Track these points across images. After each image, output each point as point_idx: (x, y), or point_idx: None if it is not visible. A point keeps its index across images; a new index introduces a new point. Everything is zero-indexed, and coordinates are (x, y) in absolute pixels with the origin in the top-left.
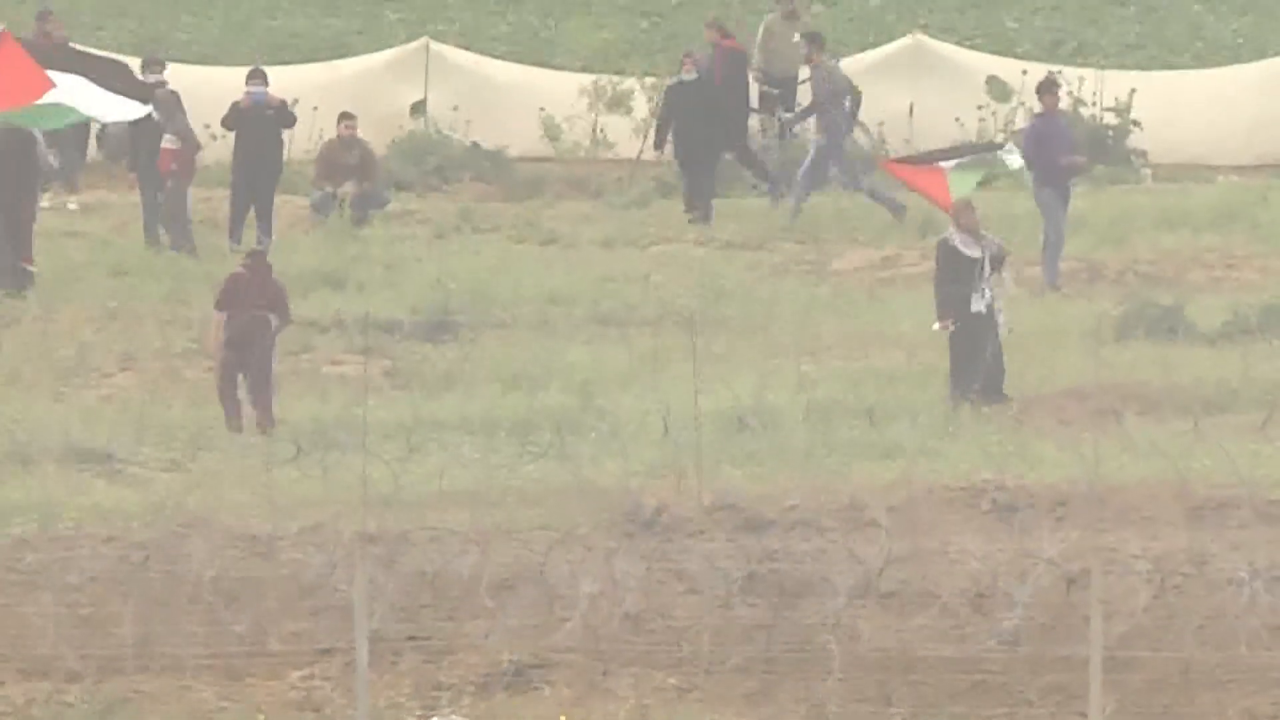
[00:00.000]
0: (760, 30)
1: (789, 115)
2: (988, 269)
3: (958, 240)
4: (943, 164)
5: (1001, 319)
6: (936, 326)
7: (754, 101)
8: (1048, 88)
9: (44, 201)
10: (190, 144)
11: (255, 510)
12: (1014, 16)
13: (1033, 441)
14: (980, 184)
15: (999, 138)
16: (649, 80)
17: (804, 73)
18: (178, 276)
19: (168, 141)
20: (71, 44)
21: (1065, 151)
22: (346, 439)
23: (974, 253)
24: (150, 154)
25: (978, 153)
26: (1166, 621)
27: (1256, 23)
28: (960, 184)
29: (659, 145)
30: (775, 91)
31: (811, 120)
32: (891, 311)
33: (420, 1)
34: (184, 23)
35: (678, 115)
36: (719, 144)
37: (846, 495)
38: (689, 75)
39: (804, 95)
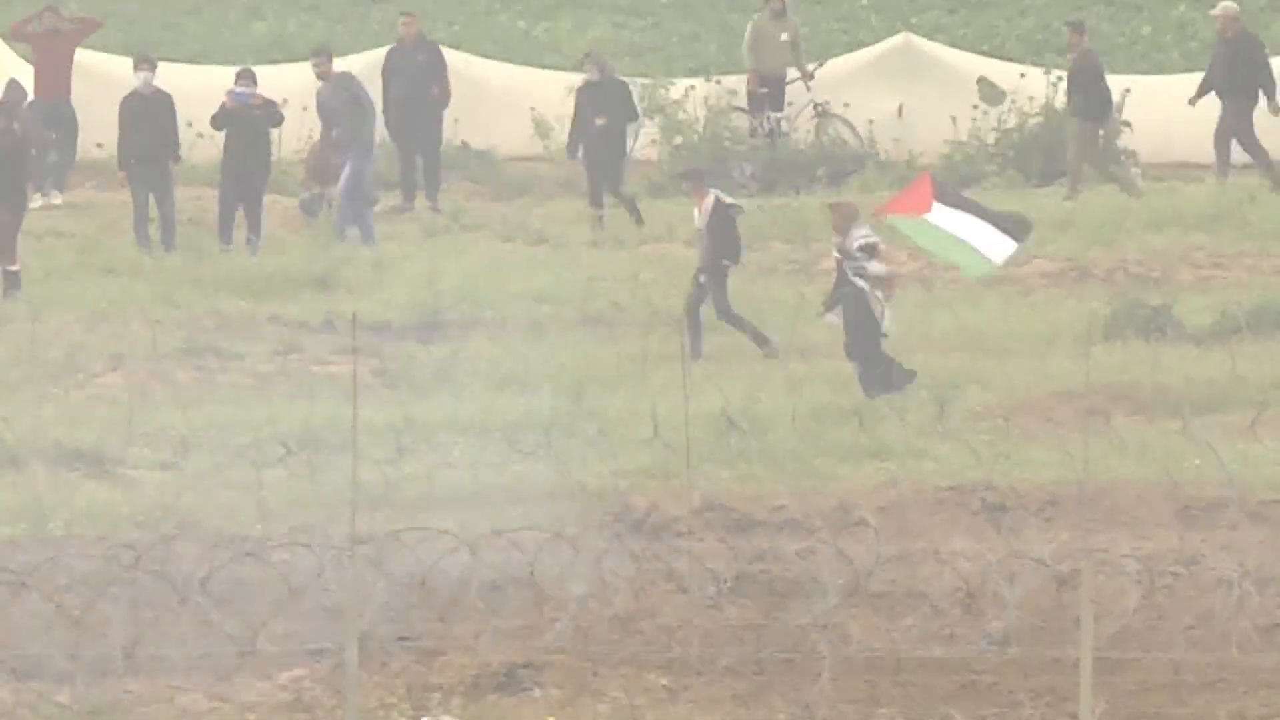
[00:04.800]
0: (748, 30)
1: (778, 115)
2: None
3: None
4: (935, 216)
5: (881, 317)
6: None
7: (743, 102)
8: None
9: (35, 202)
10: None
11: (245, 512)
12: (1003, 16)
13: (1022, 442)
14: (927, 246)
15: (990, 137)
16: (640, 81)
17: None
18: (167, 277)
19: None
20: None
21: None
22: (336, 440)
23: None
24: (139, 154)
25: (997, 225)
26: (1156, 622)
27: (1244, 25)
28: (923, 234)
29: (572, 149)
30: (763, 91)
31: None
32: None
33: (409, 2)
34: (173, 23)
35: (584, 115)
36: (621, 144)
37: (836, 496)
38: (593, 76)
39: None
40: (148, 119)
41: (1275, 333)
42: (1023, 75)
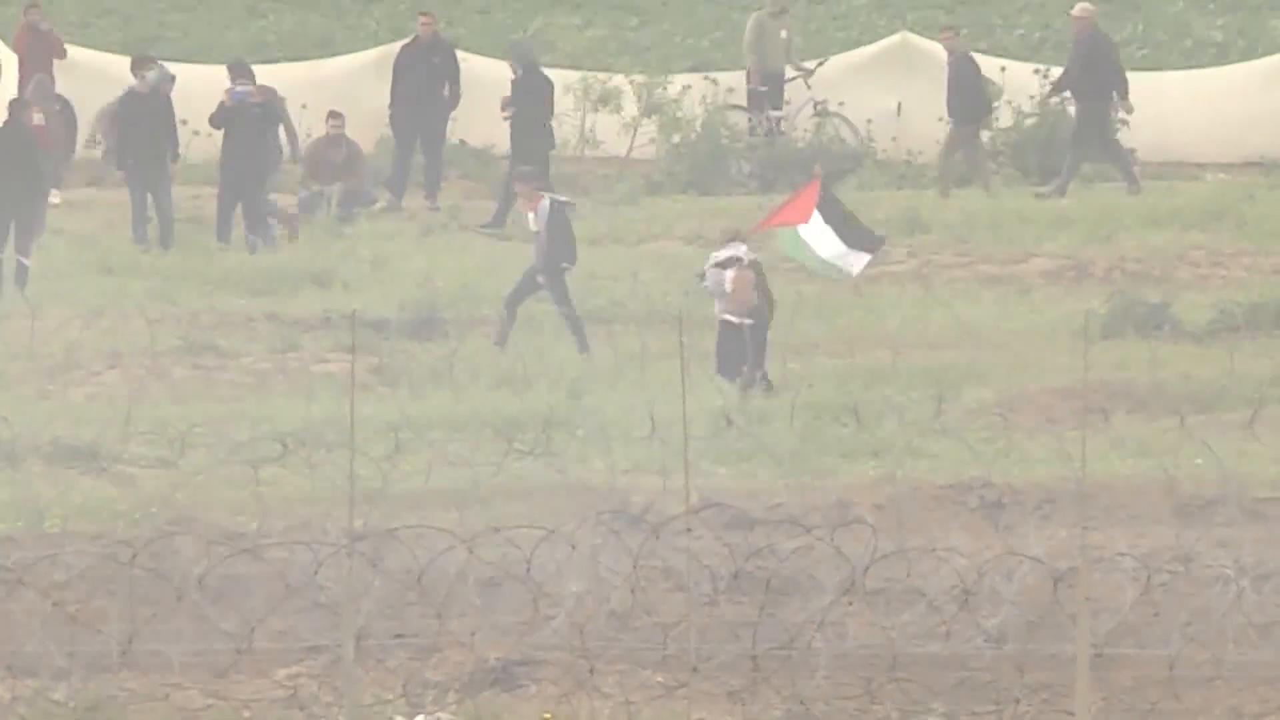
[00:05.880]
0: (748, 27)
1: (777, 114)
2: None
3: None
4: (808, 230)
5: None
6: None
7: (740, 100)
8: None
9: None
10: None
11: (242, 508)
12: (1001, 15)
13: (1019, 439)
14: (797, 257)
15: (986, 135)
16: (637, 78)
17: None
18: (165, 275)
19: None
20: (59, 36)
21: None
22: (333, 437)
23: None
24: (138, 153)
25: (852, 239)
26: (1153, 619)
27: (1242, 22)
28: (794, 246)
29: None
30: (763, 89)
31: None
32: (878, 310)
33: (408, 0)
34: (170, 21)
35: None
36: (545, 138)
37: (833, 493)
38: (515, 70)
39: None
40: (146, 117)
41: (1273, 331)
42: (1035, 71)
